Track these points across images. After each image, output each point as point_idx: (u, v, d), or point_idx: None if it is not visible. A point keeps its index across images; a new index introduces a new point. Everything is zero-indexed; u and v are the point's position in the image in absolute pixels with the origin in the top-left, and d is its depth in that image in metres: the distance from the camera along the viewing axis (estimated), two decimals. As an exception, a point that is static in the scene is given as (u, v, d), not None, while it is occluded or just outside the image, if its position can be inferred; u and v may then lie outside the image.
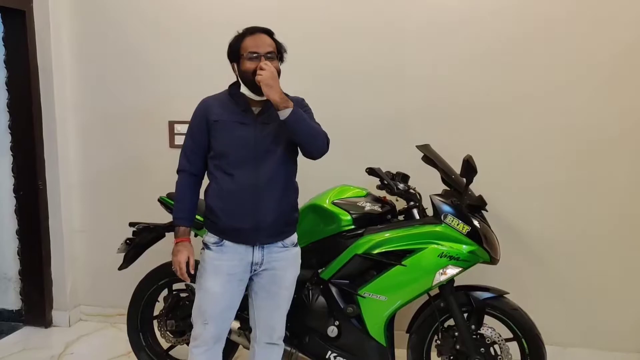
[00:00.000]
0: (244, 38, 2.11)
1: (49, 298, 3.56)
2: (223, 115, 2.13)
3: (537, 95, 2.96)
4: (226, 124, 2.12)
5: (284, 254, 2.21)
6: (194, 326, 2.24)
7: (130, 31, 3.37)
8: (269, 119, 2.13)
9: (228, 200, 2.11)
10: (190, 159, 2.19)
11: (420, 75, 3.06)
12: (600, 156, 2.95)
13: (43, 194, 3.46)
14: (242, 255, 2.14)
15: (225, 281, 2.15)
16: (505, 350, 2.40)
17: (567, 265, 3.05)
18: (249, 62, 2.06)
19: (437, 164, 2.45)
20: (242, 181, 2.09)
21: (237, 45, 2.12)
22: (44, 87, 3.38)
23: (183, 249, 2.16)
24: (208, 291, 2.16)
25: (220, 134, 2.12)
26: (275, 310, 2.28)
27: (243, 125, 2.12)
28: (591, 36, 2.88)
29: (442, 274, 2.31)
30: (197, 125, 2.18)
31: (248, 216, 2.11)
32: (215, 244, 2.16)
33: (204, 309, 2.18)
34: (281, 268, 2.22)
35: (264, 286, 2.23)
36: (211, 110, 2.15)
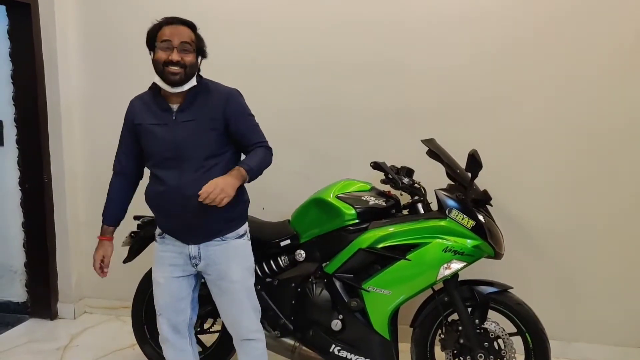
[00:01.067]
0: (161, 27, 2.05)
1: (55, 290, 3.58)
2: (144, 118, 2.11)
3: (543, 91, 2.95)
4: (147, 127, 2.10)
5: (222, 246, 2.16)
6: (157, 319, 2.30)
7: (135, 25, 3.35)
8: (190, 115, 2.06)
9: (156, 201, 2.13)
10: (120, 161, 2.26)
11: (426, 70, 3.05)
12: (605, 152, 2.93)
13: (48, 187, 3.47)
14: (180, 248, 2.17)
15: (168, 272, 2.19)
16: (509, 344, 2.40)
17: (571, 260, 3.04)
18: (161, 51, 2.00)
19: (442, 158, 2.44)
20: (167, 183, 2.06)
21: (152, 34, 2.06)
22: (49, 80, 3.38)
23: (100, 247, 2.28)
24: (156, 282, 2.22)
25: (144, 137, 2.12)
26: (233, 306, 2.22)
27: (163, 126, 2.06)
28: (598, 32, 2.86)
29: (446, 268, 2.31)
30: (125, 128, 2.21)
31: (176, 218, 2.10)
32: (159, 236, 2.23)
33: (155, 299, 2.25)
34: (223, 261, 2.16)
35: (214, 282, 2.21)
36: (135, 112, 2.16)
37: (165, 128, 2.06)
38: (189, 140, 2.05)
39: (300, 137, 3.21)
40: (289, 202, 2.58)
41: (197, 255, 2.15)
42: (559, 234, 3.03)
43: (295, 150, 3.19)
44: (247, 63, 3.15)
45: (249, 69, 3.15)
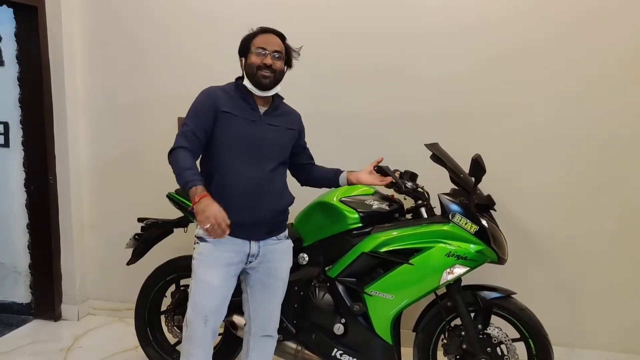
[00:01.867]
0: (256, 35, 2.18)
1: (59, 292, 3.60)
2: (233, 109, 2.14)
3: (548, 97, 2.95)
4: (236, 118, 2.13)
5: (278, 245, 2.27)
6: (190, 326, 2.14)
7: (141, 27, 3.39)
8: (275, 120, 2.22)
9: (231, 194, 2.10)
10: (189, 141, 2.09)
11: (431, 75, 3.06)
12: (610, 157, 2.92)
13: (53, 188, 3.49)
14: (240, 247, 2.16)
15: (224, 272, 2.14)
16: (512, 350, 2.39)
17: (575, 265, 3.03)
18: (255, 56, 2.14)
19: (446, 163, 2.44)
20: (247, 177, 2.12)
21: (248, 41, 2.19)
22: (55, 82, 3.40)
23: (211, 202, 1.92)
24: (207, 284, 2.12)
25: (229, 127, 2.12)
26: (271, 302, 2.31)
27: (252, 122, 2.16)
28: (604, 37, 2.85)
29: (449, 273, 2.31)
30: (203, 111, 2.13)
31: (249, 211, 2.13)
32: None
33: (203, 303, 2.13)
34: (276, 260, 2.27)
35: (260, 279, 2.26)
36: (220, 100, 2.14)
37: (254, 125, 2.16)
38: (274, 142, 2.20)
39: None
40: (292, 206, 2.57)
41: (256, 253, 2.19)
42: (562, 240, 3.02)
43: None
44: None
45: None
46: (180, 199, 2.72)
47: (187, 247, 2.94)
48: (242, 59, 2.20)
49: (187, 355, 2.17)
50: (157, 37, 3.37)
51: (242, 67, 2.20)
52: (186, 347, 2.18)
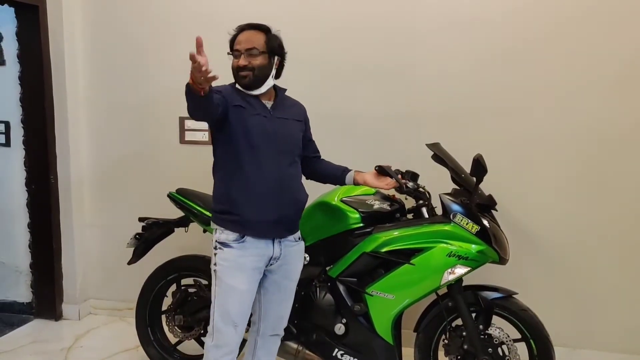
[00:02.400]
0: (236, 36, 2.15)
1: (60, 291, 3.60)
2: (244, 104, 2.09)
3: (549, 95, 2.94)
4: (248, 112, 2.08)
5: (295, 247, 2.26)
6: (219, 332, 2.11)
7: (142, 27, 3.39)
8: (283, 113, 2.20)
9: (254, 192, 2.07)
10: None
11: (432, 74, 3.05)
12: (612, 157, 2.92)
13: (54, 188, 3.49)
14: (263, 250, 2.13)
15: (250, 277, 2.11)
16: (513, 350, 2.39)
17: (576, 266, 3.02)
18: (234, 59, 2.12)
19: (447, 163, 2.43)
20: (269, 172, 2.10)
21: (231, 43, 2.17)
22: (56, 82, 3.40)
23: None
24: (235, 289, 2.08)
25: (242, 120, 2.07)
26: (284, 303, 2.31)
27: (262, 117, 2.12)
28: (604, 35, 2.85)
29: (450, 273, 2.30)
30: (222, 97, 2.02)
31: (273, 208, 2.10)
32: (236, 241, 2.09)
33: (233, 310, 2.09)
34: (293, 262, 2.27)
35: (275, 281, 2.24)
36: (231, 95, 2.09)
37: (265, 119, 2.12)
38: (288, 135, 2.18)
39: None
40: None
41: (278, 255, 2.17)
42: (564, 240, 3.02)
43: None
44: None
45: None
46: (182, 198, 2.72)
47: (188, 246, 2.96)
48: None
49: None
50: (158, 36, 3.37)
51: None
52: (214, 355, 2.13)
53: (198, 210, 2.65)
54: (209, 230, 2.65)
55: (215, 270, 2.12)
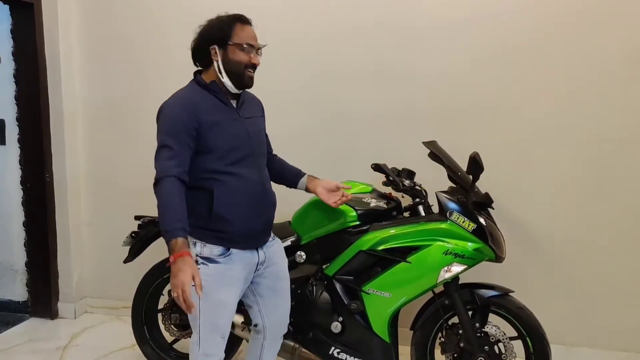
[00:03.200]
0: (235, 24, 1.97)
1: (55, 290, 3.59)
2: (214, 114, 1.94)
3: (548, 94, 2.94)
4: (221, 124, 1.94)
5: (275, 246, 2.23)
6: (206, 343, 2.02)
7: (138, 26, 3.38)
8: (248, 112, 2.08)
9: (239, 204, 1.97)
10: (176, 164, 1.85)
11: (429, 72, 3.05)
12: (609, 156, 2.92)
13: (50, 186, 3.48)
14: (249, 259, 2.06)
15: (238, 287, 2.04)
16: (509, 348, 2.39)
17: (573, 263, 3.02)
18: (242, 53, 1.95)
19: (444, 161, 2.43)
20: (252, 180, 2.01)
21: (228, 29, 1.96)
22: (51, 80, 3.39)
23: (186, 267, 1.73)
24: (223, 303, 2.00)
25: (216, 134, 1.92)
26: (283, 304, 2.30)
27: (234, 121, 1.99)
28: (604, 37, 2.84)
29: (447, 271, 2.30)
30: (184, 127, 1.88)
31: (258, 217, 2.05)
32: (222, 256, 1.97)
33: (222, 322, 2.03)
34: (278, 261, 2.23)
35: (268, 285, 2.20)
36: (199, 109, 1.91)
37: (237, 124, 1.99)
38: (257, 135, 2.08)
39: (302, 139, 3.20)
40: (290, 204, 2.57)
41: (263, 260, 2.12)
42: (561, 238, 3.02)
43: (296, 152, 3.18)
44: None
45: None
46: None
47: (184, 245, 2.94)
48: (215, 49, 1.96)
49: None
50: (154, 35, 3.36)
51: (217, 59, 1.96)
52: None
53: (194, 209, 2.64)
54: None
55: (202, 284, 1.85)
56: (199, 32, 2.03)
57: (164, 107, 1.97)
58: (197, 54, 2.03)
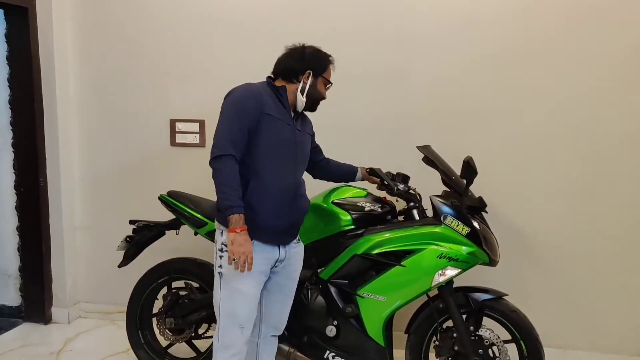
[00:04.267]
0: (329, 62, 2.25)
1: (49, 295, 3.57)
2: (276, 112, 2.10)
3: (541, 98, 2.96)
4: (278, 122, 2.10)
5: (297, 249, 2.31)
6: (225, 334, 2.13)
7: (133, 29, 3.38)
8: (301, 126, 2.25)
9: (271, 199, 2.09)
10: (236, 145, 2.01)
11: (423, 77, 3.06)
12: (603, 159, 2.94)
13: (44, 191, 3.47)
14: (270, 253, 2.16)
15: (257, 280, 2.14)
16: (503, 352, 2.40)
17: (566, 267, 3.04)
18: (323, 87, 2.24)
19: (438, 165, 2.45)
20: (287, 182, 2.14)
21: (325, 64, 2.23)
22: (46, 84, 3.38)
23: (248, 238, 1.99)
24: (244, 293, 2.11)
25: (272, 130, 2.08)
26: (286, 302, 2.36)
27: (288, 126, 2.15)
28: (599, 40, 2.87)
29: (441, 274, 2.31)
30: (249, 112, 2.03)
31: (286, 216, 2.16)
32: None
33: (241, 313, 2.12)
34: (295, 262, 2.31)
35: (278, 282, 2.27)
36: (265, 101, 2.08)
37: (290, 128, 2.16)
38: (304, 146, 2.26)
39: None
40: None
41: (283, 258, 2.21)
42: (554, 242, 3.04)
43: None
44: (248, 69, 3.15)
45: (251, 74, 3.15)
46: (173, 201, 2.71)
47: (179, 249, 2.94)
48: (310, 74, 2.18)
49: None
50: (149, 39, 3.35)
51: (307, 82, 2.17)
52: (222, 356, 2.15)
53: (189, 213, 2.64)
54: (200, 232, 2.65)
55: (221, 272, 2.12)
56: (299, 52, 2.21)
57: (235, 90, 2.11)
58: (289, 70, 2.19)
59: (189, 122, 3.35)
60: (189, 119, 3.35)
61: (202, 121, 3.33)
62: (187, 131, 3.36)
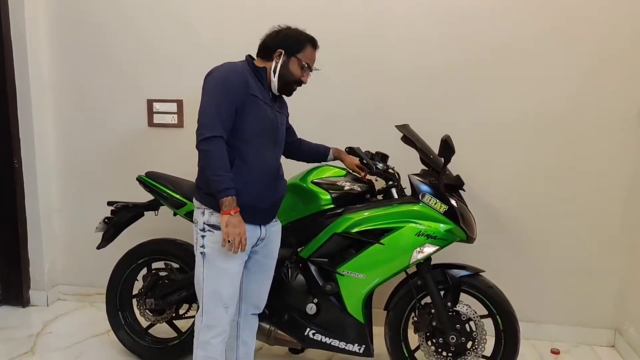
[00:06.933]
0: (307, 44, 2.16)
1: (26, 277, 3.53)
2: (259, 92, 2.08)
3: (518, 80, 2.99)
4: (261, 103, 2.08)
5: (276, 227, 2.33)
6: (209, 314, 2.14)
7: (108, 8, 3.31)
8: (278, 106, 2.24)
9: (255, 180, 2.08)
10: (224, 124, 1.98)
11: (401, 59, 3.06)
12: (573, 141, 3.00)
13: (19, 172, 3.41)
14: (252, 232, 2.14)
15: (241, 259, 2.14)
16: (480, 326, 2.46)
17: (541, 244, 3.11)
18: (299, 68, 2.14)
19: (416, 144, 2.47)
20: (269, 162, 2.15)
21: (301, 45, 2.14)
22: (18, 64, 3.30)
23: (241, 219, 1.99)
24: (228, 272, 2.11)
25: (255, 110, 2.06)
26: (265, 281, 2.37)
27: (269, 107, 2.14)
28: (568, 22, 2.90)
29: (419, 252, 2.35)
30: (236, 89, 2.01)
31: (267, 197, 2.16)
32: None
33: (225, 292, 2.12)
34: (274, 241, 2.33)
35: (258, 261, 2.29)
36: (248, 82, 2.05)
37: (270, 109, 2.14)
38: (282, 127, 2.24)
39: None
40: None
41: (264, 237, 2.22)
42: (529, 219, 3.10)
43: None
44: (225, 48, 3.12)
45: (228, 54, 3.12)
46: (151, 182, 2.69)
47: (158, 230, 2.94)
48: (282, 53, 2.12)
49: (206, 346, 2.16)
50: (124, 18, 3.29)
51: (278, 61, 2.12)
52: (205, 336, 2.15)
53: (168, 194, 2.63)
54: (179, 213, 2.64)
55: (203, 252, 2.11)
56: (276, 31, 2.17)
57: (217, 68, 2.07)
58: (265, 48, 2.16)
59: (166, 103, 3.31)
60: (167, 99, 3.31)
61: (180, 101, 3.29)
62: (164, 111, 3.32)
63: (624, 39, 2.88)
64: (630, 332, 2.96)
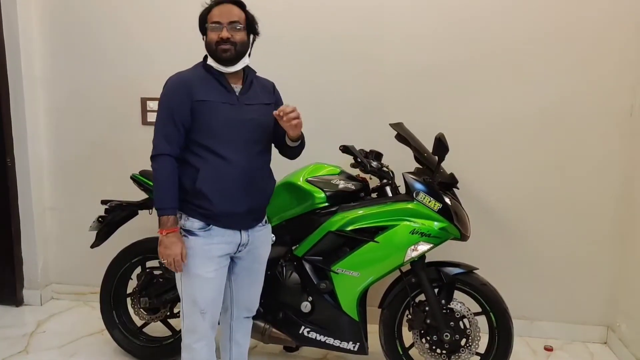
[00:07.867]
0: (211, 9, 2.04)
1: (20, 277, 3.52)
2: (209, 95, 2.01)
3: (513, 80, 3.00)
4: (214, 105, 2.01)
5: (263, 231, 2.24)
6: (187, 319, 2.12)
7: (101, 5, 3.30)
8: (252, 99, 2.10)
9: (221, 184, 2.01)
10: (170, 142, 1.99)
11: (395, 56, 3.07)
12: (571, 139, 3.01)
13: (12, 171, 3.39)
14: (231, 237, 2.09)
15: (217, 264, 2.08)
16: (474, 324, 2.47)
17: (534, 242, 3.12)
18: (211, 31, 2.01)
19: (410, 142, 2.47)
20: (236, 165, 2.02)
21: (204, 16, 2.07)
22: (10, 62, 3.28)
23: (177, 240, 1.99)
24: (201, 278, 2.06)
25: (207, 114, 2.00)
26: (255, 285, 2.32)
27: (231, 106, 2.04)
28: (564, 16, 2.91)
29: (413, 250, 2.35)
30: (178, 105, 1.99)
31: (242, 201, 2.06)
32: (201, 229, 2.05)
33: (201, 298, 2.08)
34: (262, 245, 2.25)
35: (245, 267, 2.23)
36: (193, 88, 2.00)
37: (232, 108, 2.04)
38: (256, 123, 2.09)
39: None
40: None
41: (246, 242, 2.14)
42: (523, 217, 3.11)
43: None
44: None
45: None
46: (145, 180, 2.69)
47: (152, 228, 2.90)
48: (204, 37, 2.07)
49: (189, 349, 2.15)
50: (118, 16, 3.28)
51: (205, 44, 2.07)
52: (187, 340, 2.15)
53: (162, 192, 2.62)
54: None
55: None
56: None
57: (167, 81, 2.08)
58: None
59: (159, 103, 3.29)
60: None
61: (174, 100, 3.28)
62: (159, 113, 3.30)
63: (617, 40, 2.89)
64: (623, 329, 2.98)
